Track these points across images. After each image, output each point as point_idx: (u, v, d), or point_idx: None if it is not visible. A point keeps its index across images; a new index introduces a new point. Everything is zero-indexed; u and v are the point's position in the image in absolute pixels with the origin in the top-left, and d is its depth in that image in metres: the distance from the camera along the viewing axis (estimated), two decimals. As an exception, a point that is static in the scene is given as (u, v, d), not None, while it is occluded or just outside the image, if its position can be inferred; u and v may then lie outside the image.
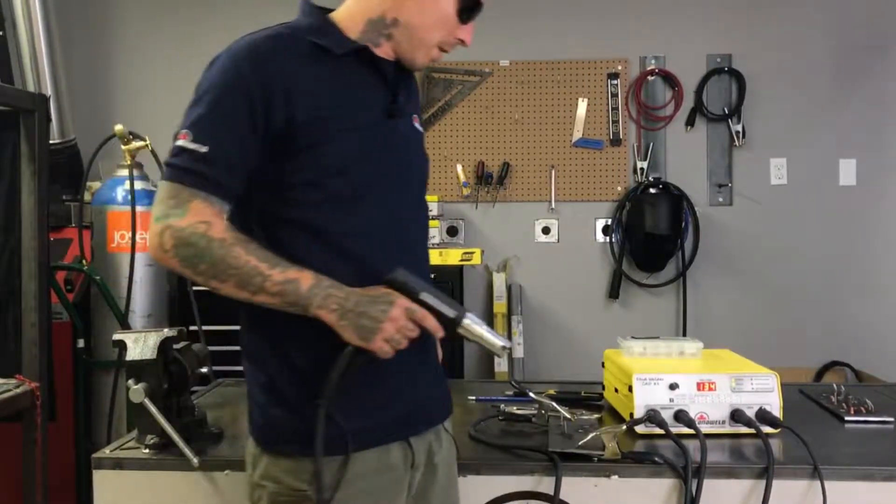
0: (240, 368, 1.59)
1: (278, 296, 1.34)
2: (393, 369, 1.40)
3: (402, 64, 1.52)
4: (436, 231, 4.14)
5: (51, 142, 3.11)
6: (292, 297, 1.34)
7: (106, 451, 1.83)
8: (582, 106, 4.35)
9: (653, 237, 4.18)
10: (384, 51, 1.49)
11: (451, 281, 3.90)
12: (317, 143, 1.39)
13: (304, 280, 1.34)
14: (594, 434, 1.77)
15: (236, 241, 1.34)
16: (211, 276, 1.34)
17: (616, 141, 4.34)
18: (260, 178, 1.39)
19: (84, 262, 3.38)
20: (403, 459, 1.47)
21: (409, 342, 1.36)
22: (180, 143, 1.36)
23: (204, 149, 1.34)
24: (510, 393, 2.29)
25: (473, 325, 1.41)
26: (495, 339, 1.42)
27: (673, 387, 1.89)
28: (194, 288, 3.41)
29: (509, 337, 4.00)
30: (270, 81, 1.37)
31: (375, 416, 1.43)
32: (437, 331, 1.39)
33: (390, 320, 1.34)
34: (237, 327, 1.58)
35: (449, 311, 1.39)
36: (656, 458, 1.73)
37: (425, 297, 1.39)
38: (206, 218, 1.34)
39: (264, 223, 1.42)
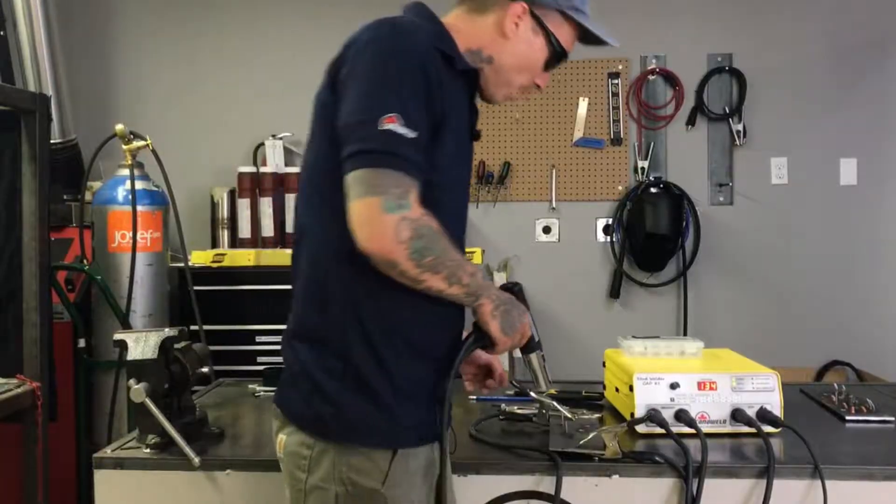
0: (240, 368, 1.59)
1: (466, 287, 1.39)
2: (444, 371, 1.47)
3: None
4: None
5: (52, 141, 3.11)
6: (474, 287, 1.41)
7: (107, 451, 1.83)
8: (583, 105, 4.35)
9: (653, 237, 4.18)
10: None
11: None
12: (439, 155, 1.39)
13: (478, 271, 1.41)
14: (595, 433, 1.77)
15: (444, 232, 1.36)
16: (429, 267, 1.33)
17: (617, 140, 4.33)
18: None
19: (85, 261, 3.38)
20: (430, 456, 1.50)
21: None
22: (390, 126, 1.29)
23: (413, 134, 1.31)
24: (511, 392, 2.29)
25: (539, 357, 1.65)
26: (544, 379, 1.67)
27: (674, 386, 1.89)
28: (195, 288, 3.42)
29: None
30: (438, 68, 1.37)
31: (432, 412, 1.46)
32: (520, 346, 1.56)
33: (523, 324, 1.51)
34: (237, 327, 1.58)
35: (536, 336, 1.60)
36: (657, 458, 1.73)
37: (529, 316, 1.56)
38: (425, 209, 1.33)
39: None
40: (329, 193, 1.37)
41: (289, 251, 4.10)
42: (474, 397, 2.28)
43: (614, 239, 4.35)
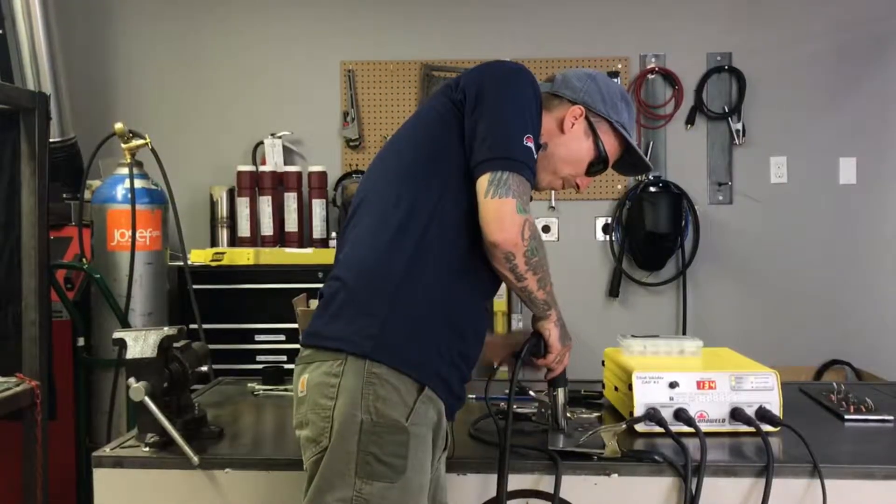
0: (239, 367, 1.60)
1: (548, 294, 1.65)
2: (475, 357, 1.65)
3: None
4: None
5: (51, 140, 3.11)
6: (551, 298, 1.67)
7: (106, 450, 1.83)
8: (582, 104, 4.34)
9: (653, 236, 4.18)
10: None
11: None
12: None
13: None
14: (594, 432, 1.78)
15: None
16: (533, 267, 1.55)
17: (616, 139, 4.33)
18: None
19: (84, 260, 3.38)
20: (437, 426, 1.57)
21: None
22: (530, 145, 1.54)
23: (535, 154, 1.56)
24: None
25: (565, 394, 1.83)
26: (563, 416, 1.83)
27: (673, 385, 1.89)
28: (194, 286, 3.42)
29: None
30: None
31: (450, 377, 1.57)
32: (554, 372, 1.80)
33: (570, 344, 1.80)
34: (236, 326, 1.60)
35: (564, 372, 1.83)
36: (656, 457, 1.73)
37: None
38: None
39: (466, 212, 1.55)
40: (442, 168, 1.57)
41: (287, 250, 4.12)
42: (473, 396, 2.28)
43: (614, 238, 4.35)
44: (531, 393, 2.06)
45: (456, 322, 1.57)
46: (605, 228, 4.37)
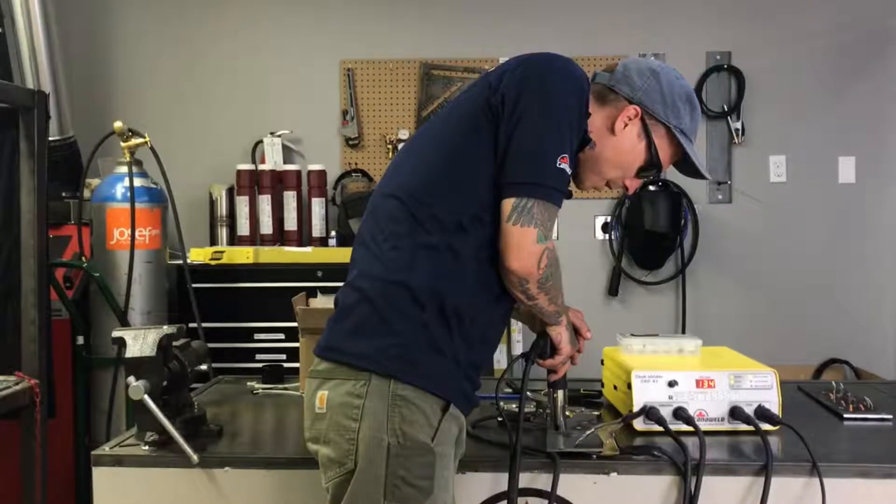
0: (239, 365, 1.59)
1: (559, 306, 1.63)
2: (486, 363, 1.65)
3: None
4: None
5: (50, 139, 3.10)
6: (562, 309, 1.66)
7: (105, 449, 1.83)
8: (581, 103, 4.34)
9: (652, 235, 4.18)
10: None
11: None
12: None
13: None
14: (591, 431, 1.78)
15: (558, 260, 1.57)
16: (546, 290, 1.55)
17: (615, 138, 4.32)
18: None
19: (83, 259, 3.38)
20: (458, 438, 1.59)
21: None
22: (563, 166, 1.48)
23: (569, 171, 1.50)
24: (508, 391, 2.29)
25: (564, 396, 1.81)
26: (562, 416, 1.80)
27: (672, 384, 1.89)
28: (194, 285, 3.42)
29: (508, 335, 4.01)
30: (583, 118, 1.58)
31: (469, 388, 1.57)
32: (557, 375, 1.77)
33: (578, 349, 1.78)
34: (235, 324, 1.58)
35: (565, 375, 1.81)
36: (655, 451, 1.73)
37: None
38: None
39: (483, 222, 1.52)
40: (469, 179, 1.51)
41: (287, 249, 4.11)
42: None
43: (613, 237, 4.35)
44: (528, 393, 2.05)
45: (473, 334, 1.54)
46: (605, 227, 4.37)
